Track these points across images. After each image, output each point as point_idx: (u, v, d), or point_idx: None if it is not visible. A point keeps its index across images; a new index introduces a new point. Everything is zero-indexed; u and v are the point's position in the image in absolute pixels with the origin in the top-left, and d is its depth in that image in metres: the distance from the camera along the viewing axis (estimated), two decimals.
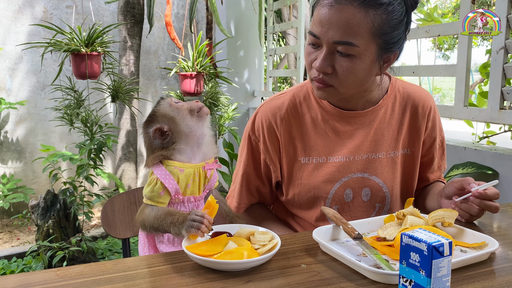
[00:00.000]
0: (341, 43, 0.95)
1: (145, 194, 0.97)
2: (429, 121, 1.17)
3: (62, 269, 0.78)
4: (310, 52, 1.02)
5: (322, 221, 1.13)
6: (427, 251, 0.60)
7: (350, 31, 0.94)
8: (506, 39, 1.82)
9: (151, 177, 0.98)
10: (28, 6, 3.70)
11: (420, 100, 1.16)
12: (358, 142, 1.12)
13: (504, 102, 1.89)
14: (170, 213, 0.92)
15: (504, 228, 1.04)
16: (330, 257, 0.83)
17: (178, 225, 0.88)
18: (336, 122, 1.12)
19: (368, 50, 0.97)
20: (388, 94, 1.14)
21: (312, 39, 1.00)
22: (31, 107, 3.78)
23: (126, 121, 3.31)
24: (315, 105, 1.14)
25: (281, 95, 1.18)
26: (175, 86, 4.26)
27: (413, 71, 2.42)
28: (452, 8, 10.50)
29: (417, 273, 0.62)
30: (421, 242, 0.61)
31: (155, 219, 0.94)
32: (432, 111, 1.17)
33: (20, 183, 3.70)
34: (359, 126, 1.12)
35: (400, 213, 0.96)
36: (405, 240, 0.63)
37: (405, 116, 1.15)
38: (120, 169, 3.36)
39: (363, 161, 1.12)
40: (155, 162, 0.98)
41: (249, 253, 0.77)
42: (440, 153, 1.24)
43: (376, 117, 1.13)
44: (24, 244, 3.26)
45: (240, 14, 4.01)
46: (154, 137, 0.99)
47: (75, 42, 2.43)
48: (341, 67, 0.98)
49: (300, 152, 1.13)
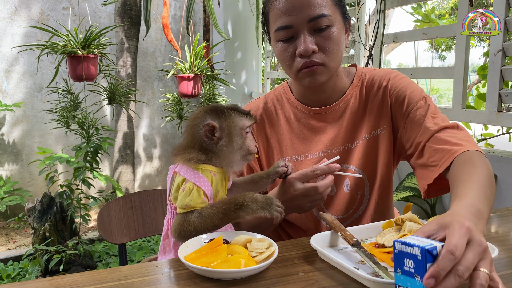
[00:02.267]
0: (315, 18, 1.01)
1: (185, 205, 0.85)
2: (392, 90, 1.11)
3: (56, 278, 0.77)
4: (285, 48, 1.05)
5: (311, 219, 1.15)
6: (420, 255, 0.58)
7: (318, 4, 1.01)
8: (504, 42, 1.82)
9: (185, 186, 0.87)
10: (24, 8, 3.68)
11: (380, 78, 1.15)
12: (333, 135, 1.14)
13: (502, 104, 1.89)
14: (228, 201, 0.86)
15: (503, 233, 1.03)
16: (328, 264, 0.82)
17: (256, 205, 0.84)
18: (309, 120, 1.16)
19: (336, 17, 1.05)
20: (354, 83, 1.17)
21: (284, 32, 1.04)
22: (27, 109, 3.76)
23: (123, 123, 3.30)
24: (287, 105, 1.19)
25: (256, 99, 1.23)
26: (173, 88, 4.25)
27: (411, 73, 2.42)
28: (449, 9, 10.53)
29: (412, 279, 0.59)
30: (414, 247, 0.58)
31: (208, 218, 0.85)
32: (390, 80, 1.12)
33: (17, 186, 3.68)
34: (331, 120, 1.15)
35: (399, 219, 0.95)
36: (398, 247, 0.61)
37: (371, 98, 1.15)
38: (117, 171, 3.34)
39: (339, 153, 1.14)
40: (189, 166, 0.89)
41: (246, 261, 0.75)
42: (430, 111, 1.06)
43: (347, 107, 1.15)
44: (20, 247, 3.24)
45: (237, 16, 4.00)
46: (204, 132, 0.89)
47: (71, 44, 2.42)
48: (323, 41, 1.03)
49: (278, 152, 1.17)
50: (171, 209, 0.94)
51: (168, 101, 3.12)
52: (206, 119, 0.90)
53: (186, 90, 2.85)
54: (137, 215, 1.33)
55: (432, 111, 1.06)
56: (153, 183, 4.44)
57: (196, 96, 2.92)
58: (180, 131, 4.22)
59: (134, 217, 1.33)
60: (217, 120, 0.90)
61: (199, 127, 0.90)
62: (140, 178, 4.34)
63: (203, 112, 0.92)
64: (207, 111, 0.92)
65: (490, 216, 1.12)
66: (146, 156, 4.35)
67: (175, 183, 0.90)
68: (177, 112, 3.06)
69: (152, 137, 4.35)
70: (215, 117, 0.91)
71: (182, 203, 0.86)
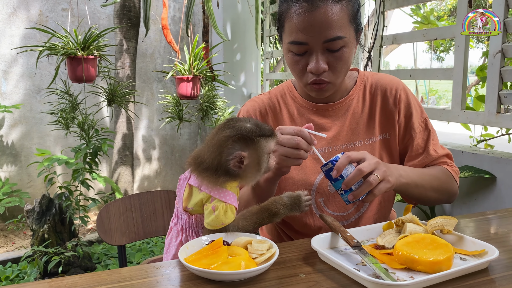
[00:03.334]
0: (331, 40, 1.01)
1: (222, 223, 0.86)
2: (401, 103, 1.18)
3: (55, 280, 0.77)
4: (297, 61, 1.07)
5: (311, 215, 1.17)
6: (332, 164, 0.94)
7: (336, 26, 1.01)
8: (503, 43, 1.82)
9: (215, 205, 0.85)
10: (24, 9, 3.67)
11: (388, 85, 1.19)
12: (335, 132, 1.17)
13: (501, 105, 1.89)
14: (260, 210, 0.90)
15: (503, 234, 1.03)
16: (329, 266, 0.82)
17: (286, 209, 0.90)
18: (311, 115, 1.18)
19: (351, 37, 1.05)
20: (358, 85, 1.20)
21: (298, 47, 1.04)
22: (26, 111, 3.76)
23: (122, 124, 3.30)
24: (290, 101, 1.21)
25: (261, 95, 1.26)
26: (172, 89, 4.25)
27: (410, 74, 2.42)
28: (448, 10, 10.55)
29: (338, 181, 0.94)
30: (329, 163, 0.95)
31: (243, 230, 0.89)
32: (402, 92, 1.19)
33: (16, 187, 3.67)
34: (334, 118, 1.18)
35: (399, 220, 0.95)
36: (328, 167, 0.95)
37: (376, 102, 1.18)
38: (116, 173, 3.34)
39: (341, 151, 1.15)
40: (219, 186, 0.87)
41: (246, 263, 0.75)
42: (426, 136, 1.19)
43: (350, 107, 1.18)
44: (19, 249, 3.23)
45: (236, 17, 4.01)
46: (233, 163, 0.85)
47: (70, 45, 2.41)
48: (334, 62, 1.04)
49: None
50: (186, 219, 0.92)
51: (167, 102, 3.11)
52: (235, 148, 0.85)
53: (185, 91, 2.85)
54: (136, 216, 1.33)
55: (429, 135, 1.19)
56: (152, 184, 4.44)
57: (195, 98, 2.91)
58: (179, 132, 4.22)
59: (134, 218, 1.33)
60: (246, 149, 0.86)
61: (227, 156, 0.85)
62: (139, 179, 4.34)
63: (231, 141, 0.86)
64: (236, 139, 0.86)
65: (489, 217, 1.13)
66: (145, 157, 4.34)
67: (197, 198, 0.88)
68: (176, 114, 3.06)
69: (151, 139, 4.35)
70: (244, 146, 0.86)
71: (217, 223, 0.86)
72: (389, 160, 1.19)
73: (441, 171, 1.16)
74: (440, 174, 1.15)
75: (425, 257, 0.78)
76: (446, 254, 0.78)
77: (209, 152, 0.87)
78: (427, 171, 1.14)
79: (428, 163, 1.18)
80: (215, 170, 0.86)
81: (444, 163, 1.19)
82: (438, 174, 1.15)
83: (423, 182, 1.09)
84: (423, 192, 1.09)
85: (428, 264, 0.77)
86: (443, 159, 1.19)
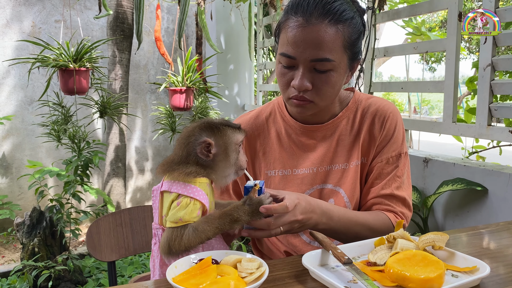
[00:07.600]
0: (318, 60, 1.00)
1: (179, 218, 0.84)
2: (384, 130, 1.14)
3: None
4: (284, 73, 1.06)
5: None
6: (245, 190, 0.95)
7: (326, 48, 0.99)
8: (492, 56, 1.84)
9: (180, 200, 0.85)
10: (16, 21, 3.67)
11: (379, 110, 1.16)
12: (321, 154, 1.15)
13: (492, 118, 1.91)
14: (222, 215, 0.87)
15: (494, 249, 1.03)
16: (320, 284, 0.81)
17: (248, 217, 0.88)
18: (299, 136, 1.17)
19: (342, 63, 1.03)
20: (349, 106, 1.18)
21: (286, 60, 1.03)
22: (18, 122, 3.73)
23: (115, 135, 3.28)
24: (279, 120, 1.20)
25: (250, 111, 1.25)
26: (165, 101, 4.24)
27: (401, 87, 2.43)
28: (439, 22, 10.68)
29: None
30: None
31: (203, 233, 0.85)
32: (390, 120, 1.14)
33: (6, 199, 3.62)
34: (321, 139, 1.16)
35: (391, 236, 0.94)
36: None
37: (364, 125, 1.16)
38: (109, 185, 3.31)
39: (325, 173, 1.15)
40: (185, 181, 0.87)
41: (236, 282, 0.74)
42: (390, 169, 1.13)
43: (337, 129, 1.16)
44: (8, 263, 3.18)
45: (230, 29, 4.03)
46: (200, 149, 0.88)
47: (63, 57, 2.41)
48: (320, 83, 1.02)
49: (267, 164, 1.19)
50: (162, 233, 0.89)
51: (160, 114, 3.11)
52: (201, 136, 0.90)
53: (179, 103, 2.85)
54: (126, 232, 1.31)
55: (398, 173, 1.13)
56: (144, 196, 4.40)
57: (188, 109, 2.91)
58: (172, 144, 4.20)
59: (124, 234, 1.31)
60: (213, 136, 0.90)
61: (194, 144, 0.89)
62: (132, 191, 4.31)
63: (197, 129, 0.91)
64: (202, 127, 0.91)
65: (482, 231, 1.13)
66: (138, 169, 4.32)
67: (167, 202, 0.87)
68: (169, 125, 3.05)
69: (144, 150, 4.33)
70: (210, 133, 0.91)
71: (176, 217, 0.84)
72: (361, 184, 1.16)
73: (378, 219, 1.10)
74: (375, 222, 1.09)
75: (417, 275, 0.77)
76: (438, 272, 0.78)
77: (179, 146, 0.92)
78: (362, 218, 1.07)
79: (376, 197, 1.13)
80: (185, 161, 0.89)
81: (389, 207, 1.12)
82: (373, 222, 1.08)
83: (346, 231, 1.05)
84: (343, 237, 1.07)
85: (420, 281, 0.77)
86: (392, 202, 1.13)
